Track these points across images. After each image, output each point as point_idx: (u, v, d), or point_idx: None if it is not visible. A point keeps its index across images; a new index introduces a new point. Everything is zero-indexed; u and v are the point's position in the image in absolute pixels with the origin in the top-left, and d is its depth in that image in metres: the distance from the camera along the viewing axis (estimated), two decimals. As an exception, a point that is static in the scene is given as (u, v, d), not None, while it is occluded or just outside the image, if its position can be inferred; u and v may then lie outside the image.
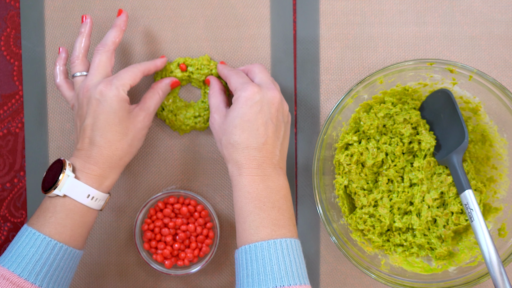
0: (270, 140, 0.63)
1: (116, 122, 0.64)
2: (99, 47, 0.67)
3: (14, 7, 0.75)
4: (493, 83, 0.64)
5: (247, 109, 0.62)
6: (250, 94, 0.63)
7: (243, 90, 0.63)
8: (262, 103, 0.63)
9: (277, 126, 0.64)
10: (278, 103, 0.64)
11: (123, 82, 0.65)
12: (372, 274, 0.66)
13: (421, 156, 0.69)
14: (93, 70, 0.66)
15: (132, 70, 0.67)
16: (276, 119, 0.64)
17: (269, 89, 0.64)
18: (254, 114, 0.62)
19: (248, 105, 0.62)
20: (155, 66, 0.70)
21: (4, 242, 0.76)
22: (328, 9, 0.73)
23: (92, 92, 0.64)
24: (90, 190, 0.63)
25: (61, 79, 0.69)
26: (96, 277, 0.76)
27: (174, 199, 0.72)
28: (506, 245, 0.66)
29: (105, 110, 0.64)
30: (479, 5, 0.72)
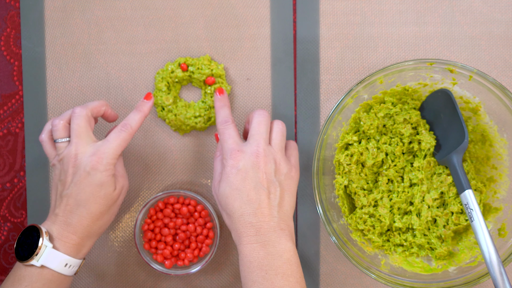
0: (264, 204, 0.61)
1: (102, 195, 0.63)
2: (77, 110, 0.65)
3: (14, 7, 0.75)
4: (493, 83, 0.64)
5: (233, 177, 0.62)
6: (233, 163, 0.62)
7: (227, 158, 0.63)
8: (246, 170, 0.62)
9: (269, 188, 0.62)
10: (264, 165, 0.62)
11: (114, 153, 0.64)
12: (372, 274, 0.66)
13: (421, 156, 0.69)
14: (76, 138, 0.64)
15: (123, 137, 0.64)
16: (267, 181, 0.62)
17: (252, 152, 0.63)
18: (240, 181, 0.62)
19: (233, 173, 0.62)
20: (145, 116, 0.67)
21: (4, 242, 0.76)
22: (328, 9, 0.73)
23: (81, 163, 0.63)
24: (68, 259, 0.62)
25: (46, 136, 0.67)
26: (96, 277, 0.76)
27: (174, 199, 0.72)
28: (506, 245, 0.66)
29: (92, 184, 0.62)
30: (479, 5, 0.72)
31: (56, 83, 0.75)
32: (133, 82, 0.75)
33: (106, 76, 0.75)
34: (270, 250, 0.60)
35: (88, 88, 0.75)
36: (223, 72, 0.73)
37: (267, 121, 0.65)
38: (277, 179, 0.63)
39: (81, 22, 0.75)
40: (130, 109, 0.75)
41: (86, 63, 0.75)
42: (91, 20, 0.74)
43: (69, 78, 0.75)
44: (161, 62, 0.74)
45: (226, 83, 0.73)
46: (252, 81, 0.74)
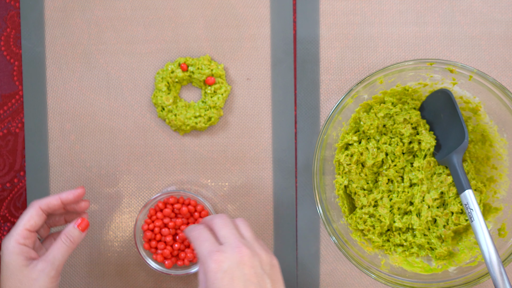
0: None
1: (8, 275, 0.60)
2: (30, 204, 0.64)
3: (14, 7, 0.75)
4: (493, 83, 0.64)
5: (219, 282, 0.57)
6: (215, 267, 0.57)
7: (207, 262, 0.58)
8: (231, 270, 0.57)
9: (259, 282, 0.58)
10: (249, 260, 0.58)
11: (17, 230, 0.62)
12: (372, 274, 0.66)
13: (421, 156, 0.69)
14: None
15: (27, 211, 0.63)
16: (255, 275, 0.57)
17: (233, 249, 0.58)
18: (228, 284, 0.56)
19: (218, 278, 0.57)
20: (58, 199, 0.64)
21: (4, 242, 0.76)
22: (328, 9, 0.73)
23: None
24: None
25: None
26: (96, 277, 0.76)
27: (174, 199, 0.72)
28: (506, 245, 0.66)
29: (2, 265, 0.61)
30: (479, 5, 0.72)
31: (56, 83, 0.75)
32: (133, 82, 0.75)
33: (106, 76, 0.75)
34: None
35: (88, 88, 0.75)
36: (223, 72, 0.73)
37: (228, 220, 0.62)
38: (265, 272, 0.59)
39: (81, 22, 0.75)
40: (130, 109, 0.75)
41: (86, 63, 0.75)
42: (91, 20, 0.74)
43: (69, 78, 0.75)
44: (161, 62, 0.74)
45: (226, 83, 0.73)
46: (252, 81, 0.74)
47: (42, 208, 0.64)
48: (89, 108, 0.75)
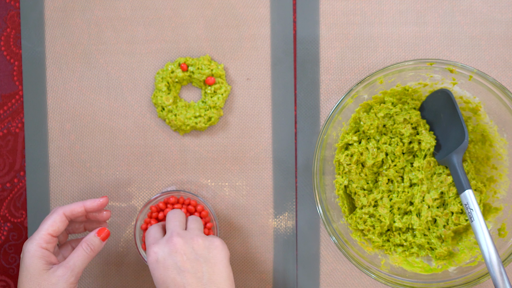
0: (193, 285, 0.59)
1: (27, 279, 0.62)
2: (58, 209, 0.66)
3: (14, 7, 0.75)
4: (493, 83, 0.64)
5: (156, 272, 0.61)
6: (150, 258, 0.61)
7: (147, 254, 0.62)
8: (164, 260, 0.60)
9: (194, 267, 0.60)
10: (181, 248, 0.61)
11: (40, 234, 0.63)
12: (372, 274, 0.66)
13: (421, 156, 0.69)
14: None
15: (50, 217, 0.64)
16: (189, 261, 0.60)
17: (167, 240, 0.62)
18: (163, 272, 0.60)
19: (154, 268, 0.61)
20: (82, 206, 0.66)
21: (4, 242, 0.76)
22: (328, 9, 0.73)
23: None
24: None
25: None
26: (96, 277, 0.76)
27: (174, 199, 0.72)
28: (506, 245, 0.66)
29: (21, 268, 0.63)
30: (479, 5, 0.72)
31: (56, 83, 0.75)
32: (133, 82, 0.75)
33: (106, 76, 0.75)
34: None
35: (88, 88, 0.75)
36: (223, 72, 0.73)
37: (179, 215, 0.66)
38: (200, 256, 0.61)
39: (81, 22, 0.75)
40: (130, 109, 0.75)
41: (86, 63, 0.75)
42: (91, 20, 0.74)
43: (69, 78, 0.75)
44: (161, 62, 0.74)
45: (226, 83, 0.73)
46: (252, 81, 0.74)
47: (66, 214, 0.65)
48: (89, 108, 0.75)
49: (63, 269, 0.63)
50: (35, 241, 0.63)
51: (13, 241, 0.76)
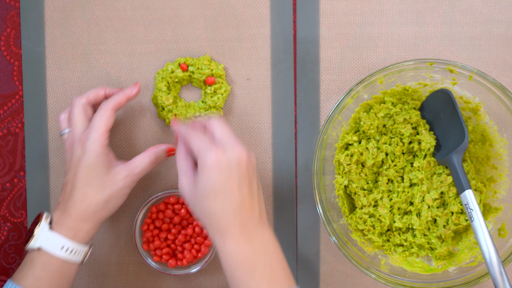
0: (246, 200, 0.59)
1: (93, 176, 0.64)
2: (74, 100, 0.68)
3: (14, 7, 0.75)
4: (493, 83, 0.64)
5: (215, 177, 0.58)
6: (215, 161, 0.58)
7: (206, 156, 0.58)
8: (230, 167, 0.58)
9: (251, 183, 0.60)
10: (246, 160, 0.59)
11: (99, 132, 0.65)
12: (372, 274, 0.66)
13: (421, 156, 0.69)
14: (72, 126, 0.67)
15: (103, 114, 0.66)
16: (248, 176, 0.60)
17: (233, 148, 0.59)
18: (224, 180, 0.58)
19: (215, 173, 0.58)
20: (126, 97, 0.68)
21: (4, 242, 0.76)
22: (328, 9, 0.73)
23: (74, 147, 0.65)
24: (64, 241, 0.63)
25: None
26: (96, 277, 0.76)
27: (174, 199, 0.72)
28: (506, 245, 0.66)
29: (83, 165, 0.64)
30: (479, 5, 0.72)
31: (56, 83, 0.75)
32: (133, 82, 0.75)
33: (106, 76, 0.75)
34: (256, 243, 0.59)
35: (88, 88, 0.75)
36: (223, 72, 0.73)
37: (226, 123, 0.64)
38: (253, 173, 0.61)
39: (81, 22, 0.75)
40: (130, 109, 0.75)
41: (86, 63, 0.75)
42: (91, 20, 0.74)
43: (69, 78, 0.75)
44: (161, 62, 0.74)
45: (226, 83, 0.73)
46: (252, 81, 0.74)
47: (115, 108, 0.67)
48: (89, 108, 0.75)
49: (128, 173, 0.65)
50: (97, 140, 0.64)
51: (13, 241, 0.76)
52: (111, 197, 0.65)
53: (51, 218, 0.64)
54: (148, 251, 0.73)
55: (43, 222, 0.63)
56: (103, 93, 0.69)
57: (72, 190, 0.64)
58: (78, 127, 0.66)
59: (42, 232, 0.63)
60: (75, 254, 0.64)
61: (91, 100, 0.69)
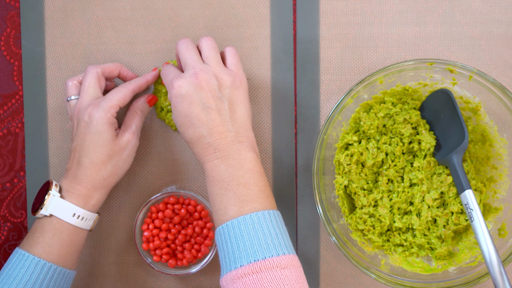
0: (216, 122, 0.62)
1: (100, 143, 0.65)
2: (89, 68, 0.69)
3: (14, 7, 0.75)
4: (493, 83, 0.64)
5: (179, 106, 0.62)
6: (175, 92, 0.62)
7: (169, 89, 0.63)
8: (189, 94, 0.62)
9: (218, 105, 0.62)
10: (206, 84, 0.62)
11: (111, 104, 0.66)
12: (372, 274, 0.66)
13: (421, 156, 0.69)
14: (83, 92, 0.68)
15: (121, 91, 0.68)
16: (213, 99, 0.62)
17: (191, 75, 0.62)
18: (187, 108, 0.62)
19: (178, 102, 0.62)
20: (146, 81, 0.71)
21: (4, 242, 0.76)
22: (328, 9, 0.73)
23: (81, 114, 0.66)
24: (76, 209, 0.65)
25: None
26: (96, 277, 0.76)
27: (174, 199, 0.72)
28: (506, 245, 0.66)
29: (91, 132, 0.65)
30: (479, 5, 0.72)
31: (56, 83, 0.75)
32: (133, 82, 0.75)
33: (106, 76, 0.75)
34: (231, 163, 0.61)
35: (88, 88, 0.75)
36: (223, 72, 0.73)
37: (192, 45, 0.66)
38: (222, 94, 0.63)
39: (81, 22, 0.75)
40: (130, 109, 0.75)
41: (86, 63, 0.75)
42: (91, 20, 0.74)
43: (69, 78, 0.75)
44: (161, 62, 0.74)
45: (226, 83, 0.73)
46: (252, 81, 0.74)
47: (135, 90, 0.69)
48: (89, 108, 0.75)
49: (129, 134, 0.68)
50: (107, 110, 0.66)
51: (13, 241, 0.76)
52: (119, 161, 0.67)
53: (60, 186, 0.66)
54: (148, 251, 0.73)
55: (54, 190, 0.65)
56: (119, 70, 0.71)
57: (80, 157, 0.66)
58: (89, 94, 0.68)
59: (54, 199, 0.64)
60: (85, 221, 0.66)
61: (105, 72, 0.70)
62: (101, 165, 0.66)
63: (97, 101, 0.66)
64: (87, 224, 0.66)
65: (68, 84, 0.70)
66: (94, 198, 0.66)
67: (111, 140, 0.66)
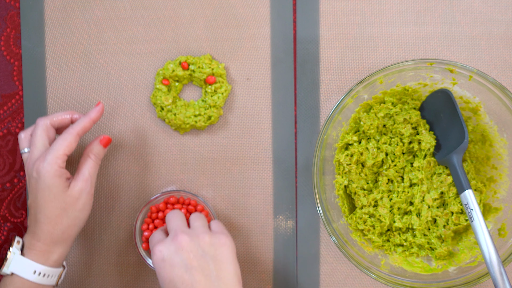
0: (200, 283, 0.59)
1: (52, 198, 0.64)
2: (38, 120, 0.67)
3: (14, 7, 0.75)
4: (493, 83, 0.64)
5: (162, 271, 0.60)
6: (156, 257, 0.61)
7: (152, 254, 0.62)
8: (170, 258, 0.60)
9: (201, 265, 0.60)
10: (187, 245, 0.61)
11: (56, 155, 0.64)
12: (372, 274, 0.66)
13: (421, 156, 0.69)
14: (32, 146, 0.66)
15: (65, 138, 0.65)
16: (196, 258, 0.60)
17: (172, 238, 0.61)
18: (169, 272, 0.60)
19: (161, 267, 0.60)
20: (90, 120, 0.67)
21: (4, 242, 0.76)
22: (328, 9, 0.73)
23: (30, 170, 0.65)
24: (36, 266, 0.63)
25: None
26: (96, 277, 0.76)
27: (174, 199, 0.72)
28: (506, 245, 0.66)
29: (40, 188, 0.64)
30: (479, 5, 0.72)
31: (56, 83, 0.75)
32: (133, 82, 0.75)
33: (106, 76, 0.75)
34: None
35: (88, 88, 0.75)
36: (223, 71, 0.73)
37: (179, 214, 0.65)
38: (207, 253, 0.61)
39: (81, 22, 0.75)
40: (130, 109, 0.75)
41: (86, 63, 0.75)
42: (91, 20, 0.74)
43: (69, 78, 0.75)
44: (161, 62, 0.74)
45: (227, 82, 0.73)
46: (252, 81, 0.74)
47: (80, 134, 0.66)
48: (89, 108, 0.75)
49: (81, 182, 0.65)
50: (53, 162, 0.64)
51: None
52: (74, 212, 0.65)
53: (22, 243, 0.65)
54: (148, 251, 0.73)
55: (14, 247, 0.64)
56: (69, 117, 0.69)
57: (36, 213, 0.64)
58: (37, 148, 0.66)
59: (14, 257, 0.63)
60: (48, 277, 0.64)
61: (55, 123, 0.68)
62: (57, 219, 0.64)
63: (43, 155, 0.64)
64: (50, 280, 0.65)
65: (21, 137, 0.69)
66: (56, 253, 0.65)
67: (61, 192, 0.64)
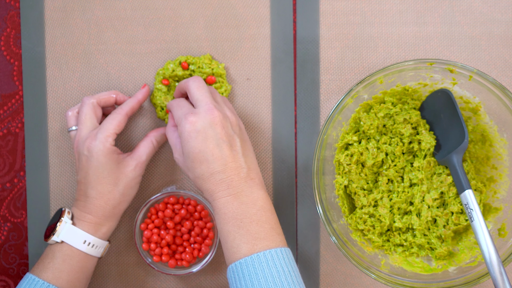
0: (229, 158, 0.62)
1: (105, 174, 0.66)
2: (85, 99, 0.69)
3: (14, 7, 0.75)
4: (493, 83, 0.64)
5: (193, 142, 0.62)
6: (189, 127, 0.62)
7: (182, 124, 0.63)
8: (204, 130, 0.62)
9: (230, 142, 0.63)
10: (220, 121, 0.62)
11: (107, 133, 0.66)
12: (372, 274, 0.66)
13: (421, 156, 0.69)
14: (80, 124, 0.68)
15: (115, 118, 0.68)
16: (226, 135, 0.62)
17: (206, 111, 0.63)
18: (201, 143, 0.62)
19: (192, 137, 0.62)
20: (138, 101, 0.71)
21: (4, 242, 0.76)
22: (328, 9, 0.73)
23: (80, 148, 0.67)
24: (87, 236, 0.66)
25: None
26: (96, 277, 0.76)
27: (174, 199, 0.72)
28: (506, 245, 0.66)
29: (93, 165, 0.66)
30: (479, 5, 0.72)
31: (56, 83, 0.75)
32: (133, 82, 0.75)
33: (106, 76, 0.75)
34: (243, 200, 0.61)
35: (88, 88, 0.75)
36: (223, 71, 0.73)
37: (204, 83, 0.66)
38: (234, 131, 0.64)
39: (81, 22, 0.75)
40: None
41: (86, 63, 0.75)
42: (91, 20, 0.74)
43: (69, 78, 0.75)
44: (161, 62, 0.74)
45: (227, 82, 0.73)
46: (252, 81, 0.74)
47: (129, 114, 0.70)
48: (89, 108, 0.75)
49: (137, 163, 0.68)
50: (105, 140, 0.66)
51: (13, 241, 0.76)
52: (126, 189, 0.67)
53: (72, 214, 0.67)
54: (148, 251, 0.73)
55: (66, 217, 0.66)
56: (115, 97, 0.71)
57: (86, 189, 0.66)
58: (86, 126, 0.68)
59: (65, 226, 0.65)
60: (96, 248, 0.67)
61: (101, 101, 0.70)
62: (109, 195, 0.67)
63: (93, 133, 0.67)
64: (97, 251, 0.67)
65: (68, 114, 0.71)
66: (105, 226, 0.68)
67: (115, 169, 0.67)
